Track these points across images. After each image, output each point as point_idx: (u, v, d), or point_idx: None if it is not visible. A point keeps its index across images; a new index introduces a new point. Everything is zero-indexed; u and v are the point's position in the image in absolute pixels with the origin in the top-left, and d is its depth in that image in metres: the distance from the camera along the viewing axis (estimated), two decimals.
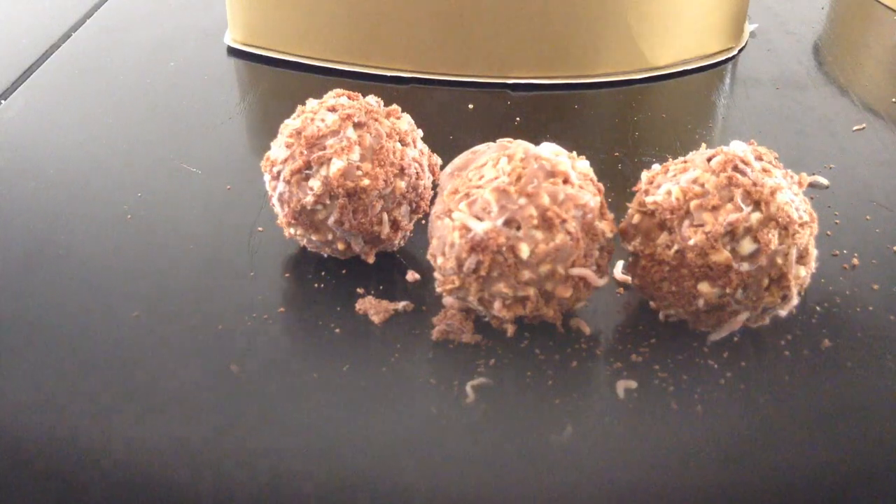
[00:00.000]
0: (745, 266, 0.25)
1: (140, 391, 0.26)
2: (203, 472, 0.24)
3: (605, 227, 0.26)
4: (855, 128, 0.43)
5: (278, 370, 0.27)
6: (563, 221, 0.25)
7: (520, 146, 0.27)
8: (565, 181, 0.26)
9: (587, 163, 0.27)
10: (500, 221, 0.25)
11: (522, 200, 0.25)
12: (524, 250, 0.25)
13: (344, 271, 0.31)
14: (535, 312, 0.26)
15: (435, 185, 0.30)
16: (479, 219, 0.25)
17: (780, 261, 0.25)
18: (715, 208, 0.25)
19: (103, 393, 0.26)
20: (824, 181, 0.38)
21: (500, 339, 0.28)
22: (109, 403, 0.26)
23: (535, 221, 0.25)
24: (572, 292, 0.26)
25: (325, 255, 0.32)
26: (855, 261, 0.32)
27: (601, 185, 0.27)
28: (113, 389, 0.26)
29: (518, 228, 0.25)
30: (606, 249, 0.27)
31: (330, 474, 0.24)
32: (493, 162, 0.26)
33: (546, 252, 0.25)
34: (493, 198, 0.25)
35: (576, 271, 0.25)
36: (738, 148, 0.26)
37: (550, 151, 0.26)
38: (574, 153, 0.27)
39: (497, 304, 0.26)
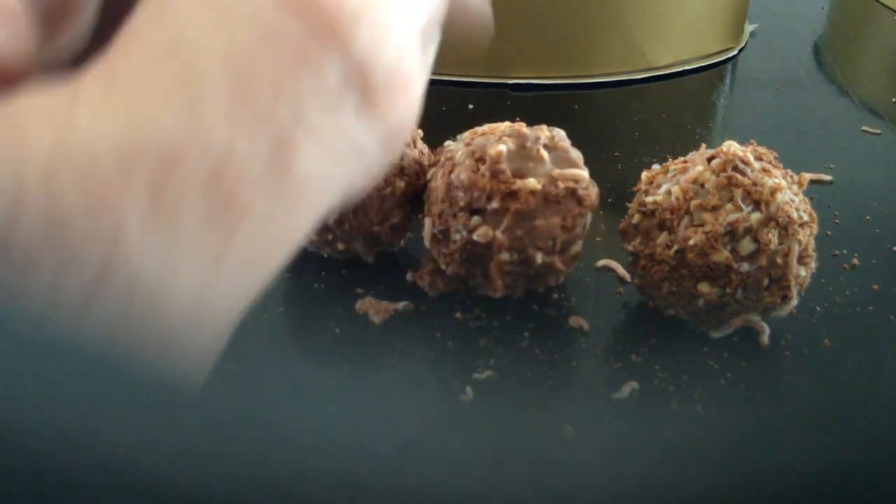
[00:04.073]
0: (745, 266, 0.25)
1: (138, 391, 0.26)
2: (201, 472, 0.24)
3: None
4: (863, 128, 0.43)
5: (278, 370, 0.27)
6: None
7: None
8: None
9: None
10: None
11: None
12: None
13: (344, 271, 0.31)
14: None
15: None
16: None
17: (780, 261, 0.25)
18: (715, 208, 0.25)
19: (101, 393, 0.26)
20: (826, 177, 0.38)
21: (500, 339, 0.28)
22: (107, 403, 0.26)
23: None
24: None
25: (325, 255, 0.32)
26: (855, 261, 0.32)
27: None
28: (110, 389, 0.26)
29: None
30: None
31: (329, 474, 0.24)
32: None
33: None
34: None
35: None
36: (729, 146, 0.26)
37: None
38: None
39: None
